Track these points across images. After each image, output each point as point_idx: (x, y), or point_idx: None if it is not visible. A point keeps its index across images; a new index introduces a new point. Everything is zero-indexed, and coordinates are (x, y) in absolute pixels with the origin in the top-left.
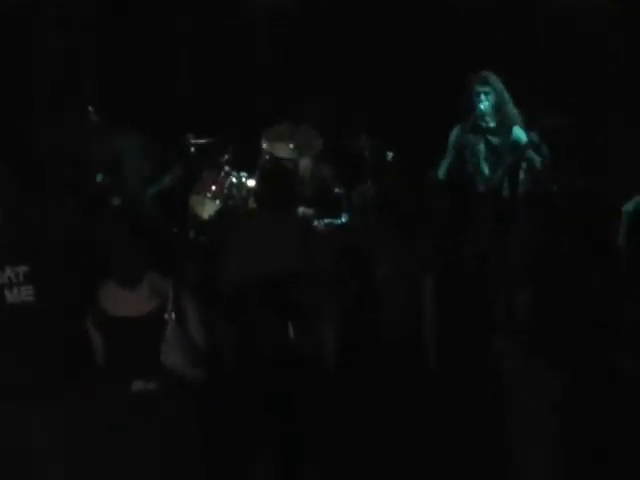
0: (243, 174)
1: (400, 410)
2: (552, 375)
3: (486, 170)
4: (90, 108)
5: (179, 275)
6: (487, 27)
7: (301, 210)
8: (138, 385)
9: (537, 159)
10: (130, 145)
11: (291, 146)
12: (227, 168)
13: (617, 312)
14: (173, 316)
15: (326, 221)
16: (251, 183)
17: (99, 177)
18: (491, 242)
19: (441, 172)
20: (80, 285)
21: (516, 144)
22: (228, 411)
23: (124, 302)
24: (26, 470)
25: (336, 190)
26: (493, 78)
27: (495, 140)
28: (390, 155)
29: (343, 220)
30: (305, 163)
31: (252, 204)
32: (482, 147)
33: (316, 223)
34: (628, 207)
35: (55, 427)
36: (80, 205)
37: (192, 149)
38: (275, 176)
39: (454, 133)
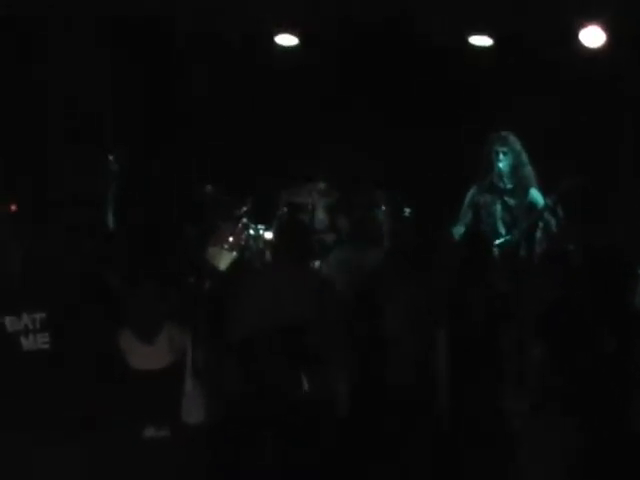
0: (260, 226)
1: (409, 463)
2: (567, 437)
3: (502, 230)
4: (110, 157)
5: (197, 329)
6: (504, 84)
7: (317, 264)
8: (150, 432)
9: (553, 222)
10: None
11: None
12: (245, 220)
13: (631, 375)
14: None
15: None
16: (268, 235)
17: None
18: (505, 298)
19: (460, 229)
20: (98, 333)
21: (532, 206)
22: (239, 456)
23: (143, 354)
24: None
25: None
26: (512, 139)
27: (511, 201)
28: (407, 211)
29: None
30: (320, 215)
31: (269, 257)
32: (498, 207)
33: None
34: None
35: (68, 469)
36: (97, 248)
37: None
38: (291, 228)
39: (471, 192)
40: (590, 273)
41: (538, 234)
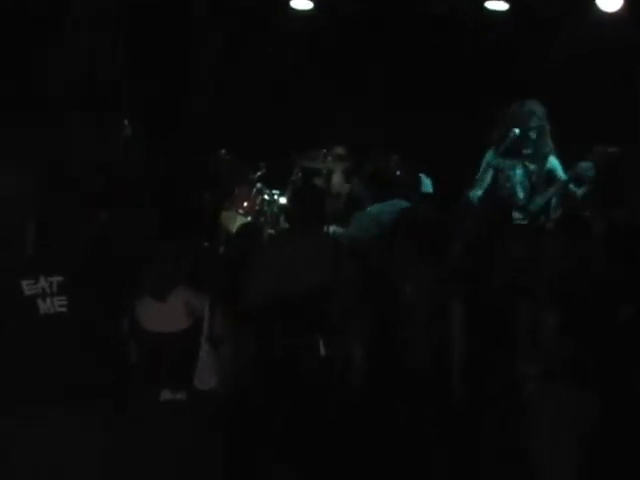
0: (275, 191)
1: (423, 434)
2: (580, 406)
3: (521, 195)
4: (125, 121)
5: (214, 293)
6: (520, 51)
7: (332, 228)
8: (166, 395)
9: (578, 192)
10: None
11: (328, 158)
12: (259, 185)
13: None
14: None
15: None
16: (282, 200)
17: None
18: (521, 265)
19: (478, 193)
20: (114, 297)
21: (551, 174)
22: (251, 424)
23: (159, 317)
24: (59, 473)
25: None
26: (540, 107)
27: (532, 167)
28: (422, 175)
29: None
30: (337, 179)
31: (283, 221)
32: (518, 172)
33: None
34: None
35: (87, 434)
36: (113, 217)
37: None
38: (306, 195)
39: (489, 155)
40: (609, 241)
41: (554, 201)
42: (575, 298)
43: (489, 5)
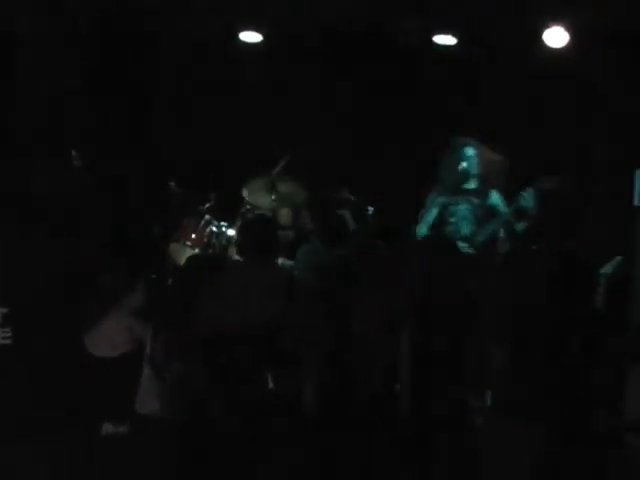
0: (223, 223)
1: (374, 462)
2: (531, 438)
3: (466, 229)
4: (73, 152)
5: (157, 321)
6: (469, 84)
7: (280, 261)
8: (108, 428)
9: (519, 226)
10: None
11: (273, 197)
12: (208, 217)
13: (596, 375)
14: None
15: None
16: (231, 232)
17: None
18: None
19: (423, 228)
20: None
21: (493, 208)
22: (204, 454)
23: (103, 342)
24: None
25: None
26: (476, 143)
27: (475, 201)
28: (371, 209)
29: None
30: (285, 211)
31: (232, 253)
32: (462, 207)
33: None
34: (607, 269)
35: (34, 466)
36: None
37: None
38: (257, 226)
39: (434, 193)
40: (555, 276)
41: (501, 235)
42: (523, 332)
43: (437, 40)
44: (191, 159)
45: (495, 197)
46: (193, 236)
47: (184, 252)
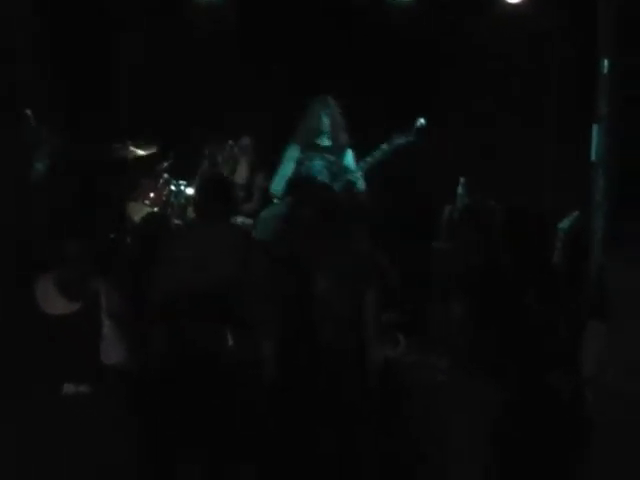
0: (182, 182)
1: (336, 421)
2: (489, 392)
3: None
4: (28, 112)
5: (115, 277)
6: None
7: (240, 220)
8: (70, 388)
9: (361, 184)
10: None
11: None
12: (166, 176)
13: (552, 329)
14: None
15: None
16: (190, 191)
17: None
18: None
19: (280, 182)
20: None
21: (346, 167)
22: (163, 415)
23: (56, 300)
24: None
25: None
26: (333, 102)
27: (330, 158)
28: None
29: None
30: (241, 170)
31: (190, 213)
32: (317, 163)
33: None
34: (564, 225)
35: None
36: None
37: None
38: (214, 185)
39: (290, 148)
40: (507, 229)
41: (460, 189)
42: (479, 287)
43: None
44: (149, 118)
45: (349, 156)
46: (152, 195)
47: (143, 211)
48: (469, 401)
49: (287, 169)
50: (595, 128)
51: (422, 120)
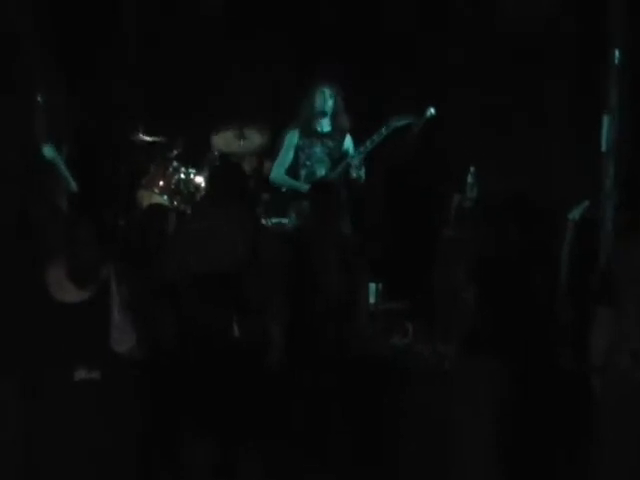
0: (191, 170)
1: (337, 405)
2: (497, 378)
3: (320, 172)
4: (39, 97)
5: (124, 264)
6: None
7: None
8: (80, 374)
9: (361, 169)
10: None
11: (241, 142)
12: (175, 163)
13: (558, 310)
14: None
15: (274, 220)
16: (199, 179)
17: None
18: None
19: (280, 169)
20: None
21: (346, 152)
22: (172, 398)
23: (67, 287)
24: None
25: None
26: (335, 85)
27: (330, 144)
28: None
29: (290, 220)
30: (251, 161)
31: (199, 200)
32: (317, 150)
33: (263, 222)
34: (574, 214)
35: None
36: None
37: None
38: (225, 171)
39: (290, 135)
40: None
41: (470, 178)
42: (492, 276)
43: None
44: (158, 105)
45: (349, 142)
46: (161, 183)
47: (152, 199)
48: (476, 387)
49: (287, 157)
50: (606, 119)
51: (432, 110)
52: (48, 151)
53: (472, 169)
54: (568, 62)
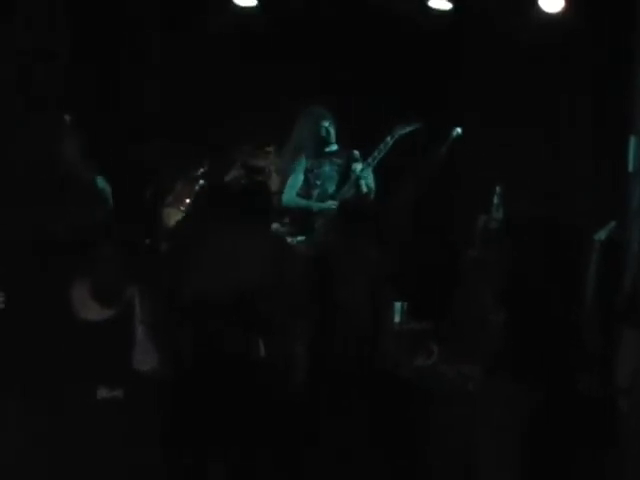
0: None
1: (361, 426)
2: (521, 396)
3: (331, 189)
4: (67, 117)
5: (149, 283)
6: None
7: (274, 226)
8: (102, 392)
9: (371, 181)
10: None
11: (267, 161)
12: (202, 182)
13: (584, 332)
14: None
15: (298, 239)
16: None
17: None
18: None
19: (292, 193)
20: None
21: (356, 167)
22: (194, 418)
23: (91, 305)
24: None
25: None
26: (326, 112)
27: (338, 162)
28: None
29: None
30: (275, 176)
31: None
32: (326, 169)
33: (289, 240)
34: (600, 235)
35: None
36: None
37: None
38: (251, 191)
39: (299, 161)
40: (544, 241)
41: (496, 199)
42: (519, 298)
43: (432, 4)
44: (184, 123)
45: (356, 156)
46: (187, 201)
47: (178, 217)
48: (501, 410)
49: (297, 180)
50: (632, 140)
51: (459, 129)
52: (100, 182)
53: (498, 189)
54: (595, 83)
